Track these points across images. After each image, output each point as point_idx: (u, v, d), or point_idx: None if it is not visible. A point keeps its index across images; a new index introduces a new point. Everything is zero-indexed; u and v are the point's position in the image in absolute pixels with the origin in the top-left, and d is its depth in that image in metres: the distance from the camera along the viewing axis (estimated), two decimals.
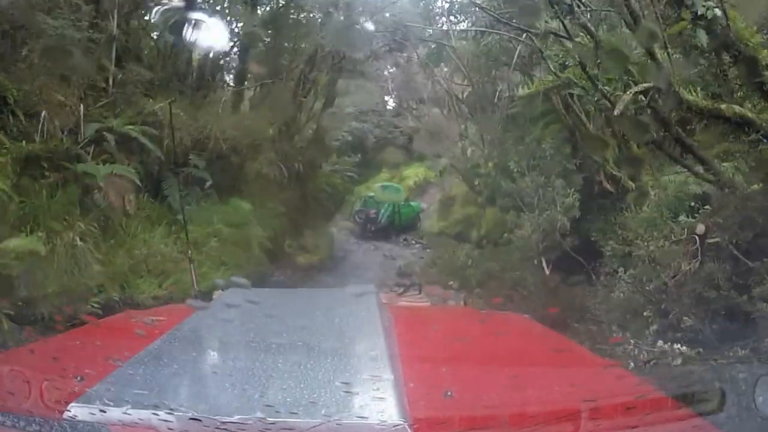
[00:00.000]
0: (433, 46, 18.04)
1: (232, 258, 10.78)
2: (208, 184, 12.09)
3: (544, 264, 10.79)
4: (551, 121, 13.31)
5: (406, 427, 1.36)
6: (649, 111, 6.58)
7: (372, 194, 23.69)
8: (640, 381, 2.11)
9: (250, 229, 11.75)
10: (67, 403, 1.43)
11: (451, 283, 12.99)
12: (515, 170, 13.03)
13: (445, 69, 18.94)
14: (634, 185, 9.84)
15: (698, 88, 6.72)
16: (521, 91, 11.41)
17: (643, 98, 6.45)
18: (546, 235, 10.66)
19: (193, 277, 5.76)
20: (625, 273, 7.41)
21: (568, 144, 11.79)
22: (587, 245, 10.03)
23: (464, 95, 21.02)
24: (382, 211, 22.15)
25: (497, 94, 18.70)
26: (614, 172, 10.35)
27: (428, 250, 21.39)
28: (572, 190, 10.69)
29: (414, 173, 29.01)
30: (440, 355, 2.11)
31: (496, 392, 1.77)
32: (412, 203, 24.35)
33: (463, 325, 3.12)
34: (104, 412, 1.42)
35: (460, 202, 22.83)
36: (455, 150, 20.94)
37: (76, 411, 1.41)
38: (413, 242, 23.32)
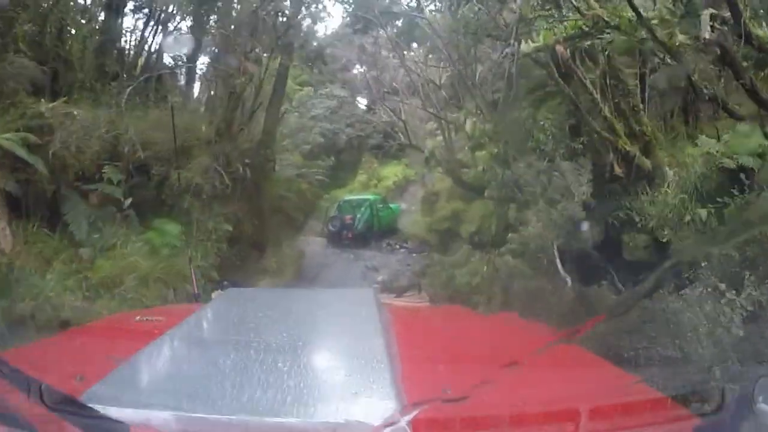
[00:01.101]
0: (401, 22, 14.09)
1: (156, 298, 8.32)
2: (127, 203, 9.66)
3: (560, 267, 8.50)
4: (548, 93, 10.86)
5: (406, 427, 1.28)
6: (717, 49, 5.29)
7: (347, 198, 21.23)
8: (640, 381, 1.95)
9: (179, 257, 9.17)
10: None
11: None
12: (511, 155, 11.04)
13: (418, 50, 14.94)
14: (649, 163, 8.09)
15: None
16: (525, 47, 8.64)
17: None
18: (560, 231, 8.56)
19: (193, 280, 5.01)
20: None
21: (570, 119, 9.60)
22: (603, 239, 8.25)
23: (441, 80, 18.02)
24: (359, 216, 19.52)
25: (478, 73, 15.74)
26: (627, 149, 8.43)
27: (414, 255, 18.43)
28: (584, 174, 8.75)
29: (392, 172, 26.78)
30: (439, 355, 2.02)
31: (496, 392, 1.61)
32: (391, 205, 21.92)
33: (461, 324, 2.90)
34: (104, 412, 1.31)
35: (445, 197, 19.91)
36: (435, 141, 16.93)
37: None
38: (397, 247, 20.41)
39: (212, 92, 11.26)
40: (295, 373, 1.61)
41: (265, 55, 11.47)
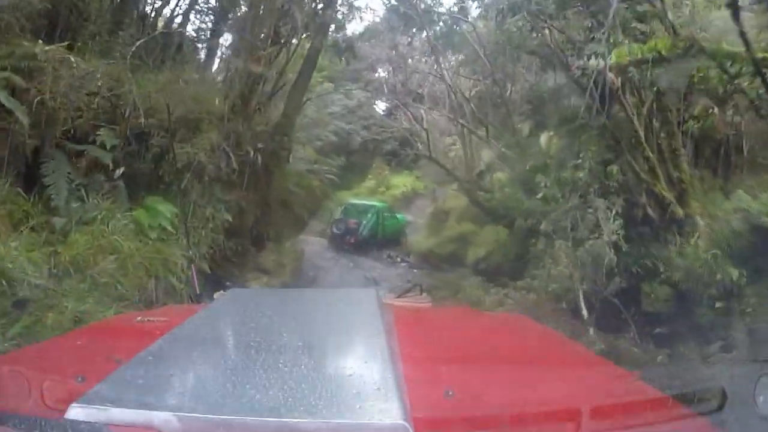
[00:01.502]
0: (441, 26, 13.00)
1: (133, 287, 6.88)
2: (119, 172, 8.08)
3: (585, 312, 7.62)
4: (583, 125, 9.80)
5: (408, 427, 1.24)
6: None
7: (354, 202, 20.21)
8: (640, 381, 1.93)
9: (169, 243, 7.87)
10: (68, 404, 1.32)
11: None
12: (542, 183, 9.76)
13: (451, 59, 13.74)
14: (683, 212, 7.65)
15: None
16: (592, 63, 7.58)
17: None
18: (587, 272, 7.72)
19: (194, 280, 5.19)
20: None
21: (608, 154, 8.86)
22: (626, 287, 7.52)
23: (471, 92, 12.90)
24: (364, 222, 18.63)
25: (510, 90, 15.76)
26: (665, 194, 7.93)
27: (416, 271, 17.02)
28: (614, 213, 7.91)
29: (402, 182, 25.94)
30: (441, 355, 2.01)
31: (498, 392, 1.67)
32: (398, 215, 20.89)
33: (463, 325, 2.84)
34: (106, 412, 1.32)
35: (455, 218, 18.96)
36: (455, 156, 15.76)
37: (78, 411, 1.31)
38: (399, 260, 19.04)
39: (233, 68, 9.85)
40: (296, 374, 1.57)
41: (296, 37, 10.06)
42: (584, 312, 7.65)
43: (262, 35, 9.60)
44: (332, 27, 12.17)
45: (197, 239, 7.88)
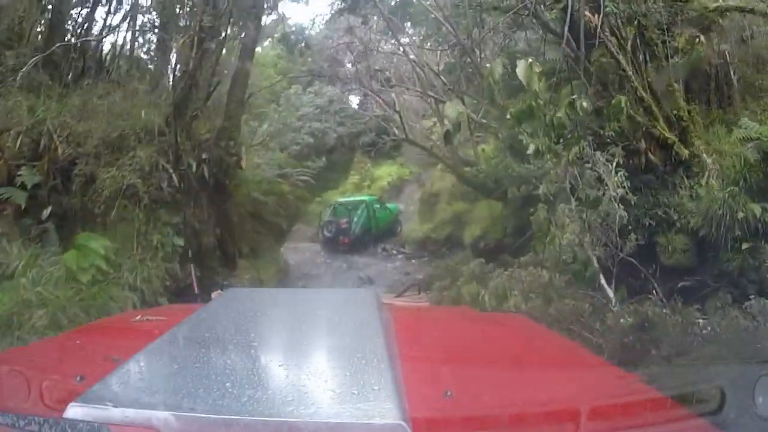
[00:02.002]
0: None
1: None
2: (46, 213, 7.17)
3: (603, 281, 6.37)
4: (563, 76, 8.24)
5: (406, 427, 1.23)
6: None
7: (342, 200, 19.23)
8: (640, 381, 1.94)
9: (110, 283, 6.69)
10: (67, 403, 1.30)
11: None
12: (530, 144, 7.80)
13: (412, 34, 12.19)
14: (687, 152, 6.82)
15: None
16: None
17: None
18: (599, 235, 6.55)
19: (193, 280, 5.10)
20: None
21: (600, 101, 7.34)
22: (641, 243, 6.48)
23: (439, 66, 15.17)
24: (355, 219, 17.55)
25: (481, 55, 13.26)
26: (666, 135, 6.94)
27: (414, 261, 16.03)
28: (614, 164, 6.68)
29: (386, 172, 24.74)
30: (440, 355, 2.00)
31: (497, 392, 1.65)
32: (389, 205, 19.66)
33: (462, 325, 2.79)
34: (104, 412, 1.30)
35: (446, 199, 17.85)
36: (434, 135, 14.29)
37: (76, 411, 1.29)
38: (394, 252, 17.79)
39: (160, 74, 8.40)
40: (295, 373, 1.59)
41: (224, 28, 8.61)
42: (602, 281, 6.60)
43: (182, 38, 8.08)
44: (266, 9, 10.61)
45: (146, 273, 6.49)
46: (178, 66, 8.51)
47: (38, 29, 8.81)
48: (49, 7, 9.18)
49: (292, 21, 23.25)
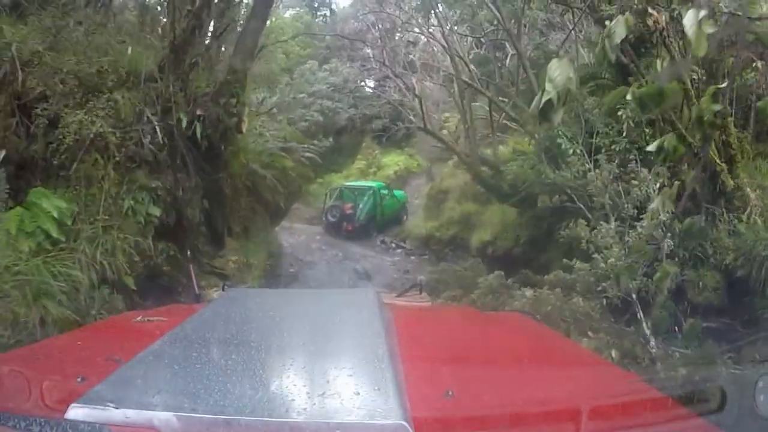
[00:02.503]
0: None
1: (5, 323, 4.53)
2: None
3: (642, 317, 5.65)
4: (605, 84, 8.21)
5: (408, 426, 1.21)
6: None
7: (349, 184, 18.29)
8: (640, 381, 1.94)
9: (59, 255, 5.23)
10: (68, 404, 1.28)
11: None
12: (569, 150, 7.77)
13: (445, 15, 10.57)
14: (732, 183, 6.27)
15: None
16: None
17: None
18: (642, 262, 5.90)
19: (193, 279, 4.37)
20: None
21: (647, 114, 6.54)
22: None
23: (469, 55, 13.71)
24: (361, 205, 16.50)
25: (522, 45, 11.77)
26: (716, 161, 6.33)
27: (414, 258, 14.69)
28: (658, 186, 6.12)
29: (394, 161, 22.92)
30: (441, 355, 1.98)
31: (497, 392, 1.64)
32: (397, 193, 18.43)
33: (463, 324, 2.75)
34: (105, 412, 1.29)
35: (456, 197, 15.98)
36: (453, 130, 12.88)
37: (77, 411, 1.27)
38: (393, 246, 16.30)
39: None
40: (296, 373, 1.58)
41: None
42: (640, 314, 5.80)
43: None
44: None
45: (109, 245, 5.10)
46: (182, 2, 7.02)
47: None
48: None
49: None
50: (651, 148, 4.64)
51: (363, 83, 21.36)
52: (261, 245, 9.99)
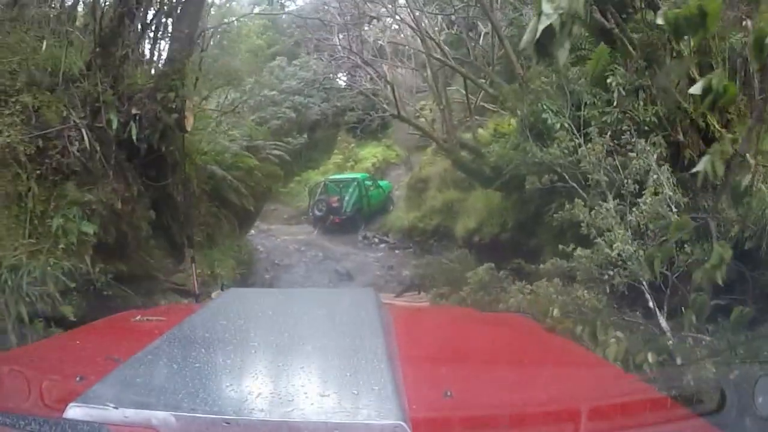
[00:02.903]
0: None
1: None
2: None
3: (653, 304, 4.99)
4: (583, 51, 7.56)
5: (406, 427, 1.20)
6: None
7: (333, 177, 17.62)
8: (640, 381, 1.97)
9: None
10: (67, 403, 1.28)
11: None
12: (556, 124, 6.92)
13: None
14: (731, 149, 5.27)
15: None
16: None
17: None
18: (649, 244, 5.16)
19: (194, 279, 4.73)
20: None
21: (640, 79, 6.41)
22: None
23: (440, 34, 12.53)
24: (346, 197, 15.96)
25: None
26: (715, 125, 5.77)
27: (398, 252, 13.71)
28: (655, 157, 5.50)
29: (371, 153, 21.94)
30: (439, 355, 1.95)
31: (496, 392, 1.64)
32: (381, 183, 18.06)
33: (462, 325, 2.71)
34: (104, 412, 1.29)
35: (436, 185, 15.09)
36: (430, 117, 11.77)
37: (76, 411, 1.27)
38: (376, 241, 15.34)
39: None
40: (295, 373, 1.56)
41: None
42: (651, 303, 5.08)
43: None
44: None
45: (38, 273, 4.17)
46: None
47: None
48: None
49: None
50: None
51: (333, 76, 20.56)
52: (229, 253, 9.28)
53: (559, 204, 7.85)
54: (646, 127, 6.41)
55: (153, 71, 7.64)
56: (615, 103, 7.20)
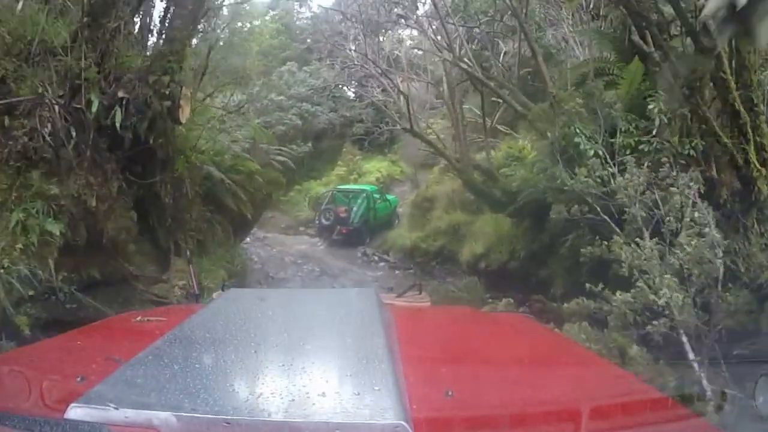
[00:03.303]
0: None
1: None
2: None
3: (692, 356, 4.36)
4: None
5: (407, 426, 1.18)
6: None
7: (342, 187, 17.06)
8: (640, 381, 1.90)
9: None
10: (68, 403, 1.25)
11: None
12: (589, 150, 6.35)
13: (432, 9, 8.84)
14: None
15: None
16: None
17: None
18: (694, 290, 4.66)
19: (193, 279, 3.95)
20: None
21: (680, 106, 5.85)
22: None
23: (461, 50, 11.60)
24: (355, 208, 15.23)
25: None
26: (756, 166, 5.30)
27: (398, 273, 12.51)
28: (693, 193, 4.98)
29: (376, 168, 20.71)
30: (440, 355, 1.93)
31: (497, 392, 1.60)
32: (389, 197, 17.39)
33: (463, 325, 2.66)
34: (104, 412, 1.26)
35: (443, 206, 14.08)
36: (441, 133, 11.05)
37: (77, 411, 1.24)
38: (375, 259, 14.23)
39: None
40: (295, 373, 1.52)
41: None
42: (690, 355, 4.44)
43: None
44: None
45: None
46: None
47: None
48: None
49: None
50: None
51: (344, 86, 20.09)
52: (220, 263, 8.21)
53: (577, 235, 7.17)
54: (682, 161, 5.89)
55: (148, 52, 6.79)
56: (654, 132, 6.54)
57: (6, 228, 4.47)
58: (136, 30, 7.04)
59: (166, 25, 6.98)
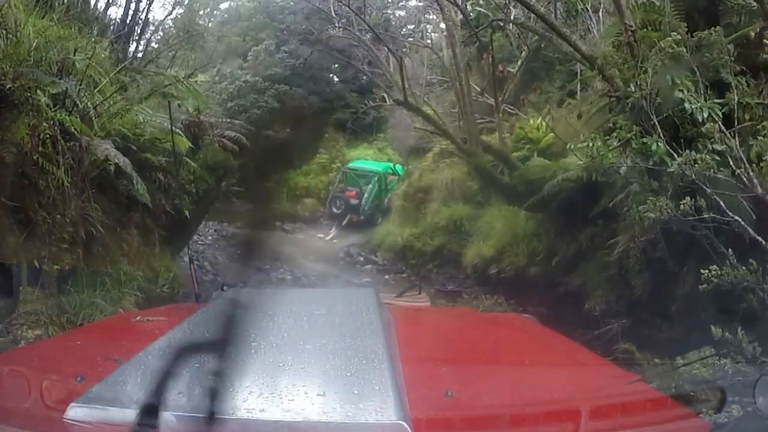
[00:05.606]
0: None
1: None
2: None
3: None
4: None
5: (407, 427, 1.19)
6: None
7: (352, 166, 14.55)
8: (640, 381, 1.78)
9: None
10: (67, 403, 1.27)
11: None
12: (703, 111, 4.20)
13: None
14: None
15: None
16: None
17: None
18: None
19: (193, 278, 3.61)
20: None
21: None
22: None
23: (456, 15, 9.71)
24: (365, 194, 13.11)
25: None
26: None
27: (387, 277, 10.20)
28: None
29: (362, 156, 17.39)
30: (440, 355, 1.96)
31: (497, 392, 1.63)
32: (399, 169, 14.41)
33: (463, 325, 2.63)
34: (105, 412, 1.29)
35: (440, 198, 11.27)
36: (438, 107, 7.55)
37: (77, 411, 1.26)
38: (361, 260, 11.36)
39: None
40: (295, 373, 1.55)
41: None
42: None
43: None
44: None
45: None
46: None
47: None
48: None
49: None
50: None
51: (326, 65, 17.39)
52: (131, 284, 5.21)
53: (629, 236, 5.06)
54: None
55: None
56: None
57: None
58: None
59: None
